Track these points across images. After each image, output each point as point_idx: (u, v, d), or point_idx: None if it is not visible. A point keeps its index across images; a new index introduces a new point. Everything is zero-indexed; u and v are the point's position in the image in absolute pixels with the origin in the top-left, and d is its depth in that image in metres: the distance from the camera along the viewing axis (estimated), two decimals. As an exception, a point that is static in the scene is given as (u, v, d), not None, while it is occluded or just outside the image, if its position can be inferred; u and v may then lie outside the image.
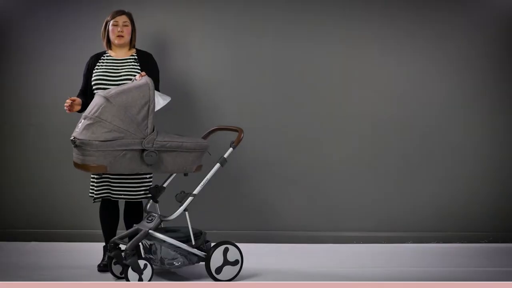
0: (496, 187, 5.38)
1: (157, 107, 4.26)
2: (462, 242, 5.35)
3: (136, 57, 4.67)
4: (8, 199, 5.40)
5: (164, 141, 4.21)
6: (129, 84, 4.28)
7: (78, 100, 4.54)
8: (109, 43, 4.70)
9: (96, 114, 4.08)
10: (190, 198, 4.26)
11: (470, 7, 5.31)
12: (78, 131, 4.11)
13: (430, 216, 5.38)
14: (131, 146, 4.12)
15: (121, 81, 4.55)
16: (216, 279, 4.30)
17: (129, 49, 4.71)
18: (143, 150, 4.16)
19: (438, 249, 5.23)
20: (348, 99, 5.35)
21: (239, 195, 5.20)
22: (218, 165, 4.36)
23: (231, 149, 4.40)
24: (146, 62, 4.67)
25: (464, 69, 5.34)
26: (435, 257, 5.00)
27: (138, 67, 4.62)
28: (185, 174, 4.39)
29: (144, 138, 4.15)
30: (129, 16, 4.69)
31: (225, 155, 4.38)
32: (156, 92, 4.29)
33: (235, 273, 4.37)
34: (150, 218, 4.32)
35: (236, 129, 4.49)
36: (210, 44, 5.33)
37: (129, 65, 4.62)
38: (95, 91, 4.54)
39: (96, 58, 4.68)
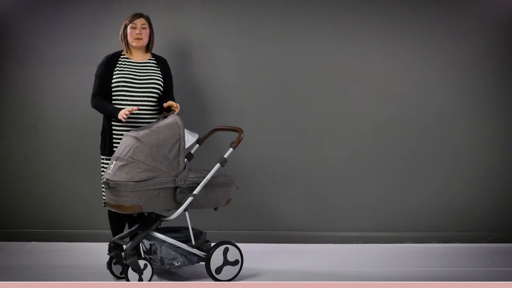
0: (496, 187, 5.38)
1: (187, 145, 4.30)
2: (462, 242, 5.36)
3: (155, 61, 4.67)
4: (8, 199, 5.40)
5: (196, 177, 4.26)
6: (158, 123, 4.30)
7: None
8: (126, 46, 4.65)
9: (129, 154, 4.11)
10: (190, 198, 4.26)
11: (470, 8, 5.30)
12: (111, 172, 4.13)
13: (430, 216, 5.38)
14: (164, 184, 4.16)
15: (145, 85, 4.54)
16: (216, 279, 4.31)
17: (146, 51, 4.68)
18: (176, 188, 4.20)
19: (438, 249, 5.24)
20: (348, 99, 5.35)
21: (239, 195, 5.17)
22: (218, 165, 4.35)
23: (231, 149, 4.40)
24: (165, 68, 4.69)
25: (464, 70, 5.34)
26: (435, 257, 5.00)
27: (159, 72, 4.63)
28: (215, 209, 4.44)
29: (176, 176, 4.19)
30: (147, 19, 4.66)
31: (225, 155, 4.38)
32: (185, 130, 4.32)
33: (235, 273, 4.38)
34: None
35: (236, 129, 4.49)
36: (211, 45, 5.32)
37: (151, 69, 4.62)
38: (117, 94, 4.52)
39: (113, 59, 4.60)
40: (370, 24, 5.31)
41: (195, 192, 4.27)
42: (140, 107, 4.52)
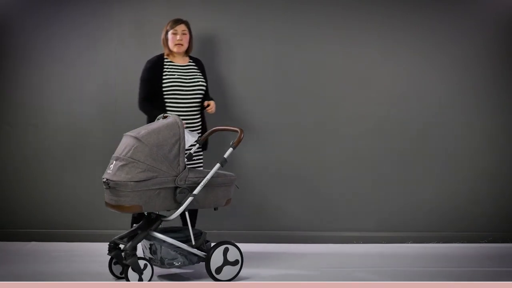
0: (496, 187, 5.38)
1: (187, 145, 4.30)
2: (462, 242, 5.36)
3: (194, 63, 4.88)
4: (8, 199, 5.40)
5: (196, 177, 4.25)
6: (158, 123, 4.31)
7: None
8: (168, 50, 4.82)
9: (129, 154, 4.11)
10: (190, 198, 4.26)
11: (470, 8, 5.30)
12: (111, 172, 4.12)
13: (430, 216, 5.38)
14: (164, 184, 4.16)
15: (193, 87, 4.76)
16: (216, 279, 4.30)
17: (185, 55, 4.86)
18: (176, 188, 4.20)
19: (438, 249, 5.23)
20: (348, 99, 5.35)
21: (240, 195, 5.19)
22: (218, 165, 4.35)
23: (231, 149, 4.39)
24: (203, 69, 4.91)
25: (464, 70, 5.34)
26: (435, 257, 5.00)
27: (200, 74, 4.85)
28: (215, 209, 4.43)
29: (176, 176, 4.19)
30: (187, 25, 4.84)
31: (225, 155, 4.37)
32: (185, 130, 4.33)
33: (235, 273, 4.37)
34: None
35: (236, 130, 4.48)
36: (210, 45, 5.32)
37: (194, 72, 4.83)
38: (169, 97, 4.70)
39: (157, 63, 4.76)
40: (370, 24, 5.31)
41: (195, 192, 4.26)
42: (189, 108, 4.75)
